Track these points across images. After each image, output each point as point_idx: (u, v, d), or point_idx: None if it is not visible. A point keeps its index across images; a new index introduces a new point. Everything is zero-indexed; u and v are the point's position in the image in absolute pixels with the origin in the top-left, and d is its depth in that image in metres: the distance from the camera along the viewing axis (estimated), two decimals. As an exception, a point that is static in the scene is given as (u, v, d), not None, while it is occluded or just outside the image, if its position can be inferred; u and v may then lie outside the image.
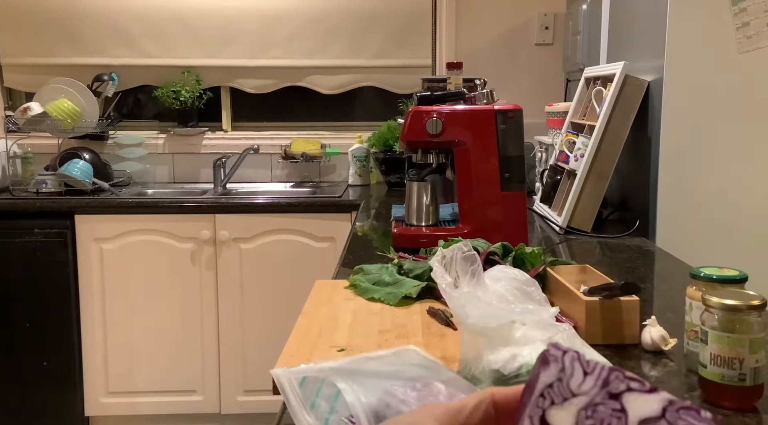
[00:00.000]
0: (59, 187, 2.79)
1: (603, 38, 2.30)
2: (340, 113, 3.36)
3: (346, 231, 2.40)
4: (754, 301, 0.80)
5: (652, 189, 1.81)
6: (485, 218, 1.61)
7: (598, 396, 0.34)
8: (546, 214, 2.09)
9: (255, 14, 3.13)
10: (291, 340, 1.02)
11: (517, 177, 1.61)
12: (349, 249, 1.70)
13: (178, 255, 2.68)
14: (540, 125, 2.52)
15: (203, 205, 2.68)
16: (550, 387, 0.35)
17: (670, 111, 1.76)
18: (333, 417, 0.68)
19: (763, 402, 0.82)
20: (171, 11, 3.11)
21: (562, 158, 2.05)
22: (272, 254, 2.68)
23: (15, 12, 3.11)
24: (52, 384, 2.70)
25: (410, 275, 1.30)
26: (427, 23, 3.17)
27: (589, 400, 0.35)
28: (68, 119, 2.90)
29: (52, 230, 2.64)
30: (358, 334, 1.06)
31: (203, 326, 2.72)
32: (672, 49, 1.74)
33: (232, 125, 3.32)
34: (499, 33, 3.13)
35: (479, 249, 1.25)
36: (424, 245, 1.51)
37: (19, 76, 3.19)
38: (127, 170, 3.14)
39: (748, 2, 1.53)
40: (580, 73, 2.30)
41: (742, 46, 1.58)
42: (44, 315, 2.66)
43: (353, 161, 3.07)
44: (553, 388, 0.35)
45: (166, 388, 2.74)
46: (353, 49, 3.17)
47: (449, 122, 1.58)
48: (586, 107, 2.12)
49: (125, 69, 3.15)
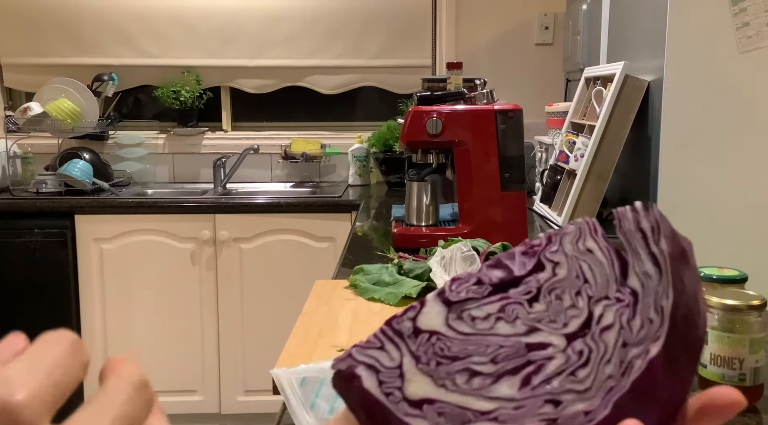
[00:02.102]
0: (59, 187, 2.79)
1: (603, 38, 2.30)
2: (340, 112, 3.36)
3: (346, 231, 2.40)
4: (754, 301, 0.80)
5: (652, 189, 1.81)
6: (485, 218, 1.61)
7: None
8: (546, 214, 2.09)
9: (255, 14, 3.13)
10: (291, 340, 1.02)
11: (517, 177, 1.61)
12: (349, 249, 1.70)
13: (178, 255, 2.68)
14: (540, 125, 2.52)
15: (203, 205, 2.68)
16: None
17: (670, 111, 1.76)
18: (333, 417, 0.68)
19: (763, 402, 0.82)
20: (171, 11, 3.11)
21: (562, 158, 2.05)
22: (272, 254, 2.68)
23: (15, 12, 3.11)
24: (52, 384, 2.70)
25: (410, 275, 1.30)
26: (427, 23, 3.17)
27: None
28: (68, 119, 2.90)
29: (52, 230, 2.64)
30: (358, 334, 1.06)
31: (203, 326, 2.72)
32: (672, 49, 1.74)
33: (232, 125, 3.32)
34: (499, 33, 3.13)
35: (479, 249, 1.25)
36: (424, 245, 1.51)
37: (19, 76, 3.18)
38: (127, 170, 3.14)
39: (748, 2, 1.53)
40: (580, 73, 2.30)
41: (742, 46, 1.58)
42: (44, 315, 2.66)
43: (353, 161, 3.07)
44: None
45: (166, 388, 2.74)
46: (353, 49, 3.17)
47: (449, 122, 1.58)
48: (586, 106, 2.12)
49: (125, 69, 3.15)
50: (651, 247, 0.32)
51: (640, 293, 0.32)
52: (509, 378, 0.33)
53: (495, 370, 0.33)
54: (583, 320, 0.33)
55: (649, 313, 0.31)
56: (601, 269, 0.33)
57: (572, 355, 0.32)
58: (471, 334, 0.34)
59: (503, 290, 0.34)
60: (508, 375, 0.33)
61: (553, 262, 0.34)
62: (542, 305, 0.34)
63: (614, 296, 0.33)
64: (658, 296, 0.31)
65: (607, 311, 0.32)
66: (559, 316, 0.33)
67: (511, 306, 0.34)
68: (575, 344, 0.32)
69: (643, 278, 0.32)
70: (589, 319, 0.33)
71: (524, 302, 0.34)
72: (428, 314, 0.35)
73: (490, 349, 0.33)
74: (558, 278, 0.34)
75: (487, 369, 0.33)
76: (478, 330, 0.34)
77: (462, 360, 0.33)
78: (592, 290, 0.33)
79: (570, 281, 0.34)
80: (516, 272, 0.35)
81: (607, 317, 0.32)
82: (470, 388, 0.33)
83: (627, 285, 0.32)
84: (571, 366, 0.32)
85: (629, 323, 0.32)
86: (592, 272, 0.33)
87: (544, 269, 0.34)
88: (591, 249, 0.34)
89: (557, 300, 0.33)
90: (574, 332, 0.33)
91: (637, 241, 0.33)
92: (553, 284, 0.34)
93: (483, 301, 0.34)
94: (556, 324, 0.33)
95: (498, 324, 0.34)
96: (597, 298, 0.33)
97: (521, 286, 0.34)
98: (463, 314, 0.34)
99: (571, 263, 0.34)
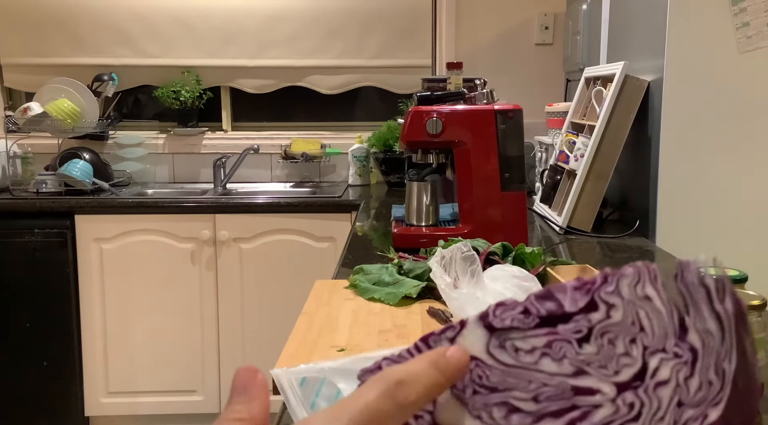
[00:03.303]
0: (59, 187, 2.79)
1: (603, 38, 2.30)
2: (340, 113, 3.36)
3: (346, 231, 2.40)
4: (754, 301, 0.80)
5: (652, 189, 1.81)
6: (485, 218, 1.61)
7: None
8: (546, 214, 2.09)
9: (255, 14, 3.13)
10: (291, 340, 1.02)
11: (517, 177, 1.60)
12: (349, 249, 1.70)
13: (178, 255, 2.68)
14: (540, 125, 2.52)
15: (203, 205, 2.69)
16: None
17: (670, 111, 1.76)
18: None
19: (764, 402, 0.82)
20: (171, 11, 3.11)
21: (562, 158, 2.05)
22: (272, 254, 2.68)
23: (15, 12, 3.11)
24: (52, 384, 2.70)
25: (410, 275, 1.30)
26: (427, 23, 3.17)
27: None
28: (68, 119, 2.90)
29: (52, 230, 2.64)
30: (358, 334, 1.06)
31: (203, 326, 2.72)
32: (672, 49, 1.74)
33: (232, 125, 3.32)
34: (499, 33, 3.13)
35: (479, 249, 1.25)
36: (424, 245, 1.51)
37: (19, 76, 3.19)
38: (127, 170, 3.14)
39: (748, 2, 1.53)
40: (580, 73, 2.30)
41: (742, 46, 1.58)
42: (44, 315, 2.66)
43: (353, 161, 3.07)
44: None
45: (166, 388, 2.74)
46: (353, 49, 3.17)
47: (449, 122, 1.58)
48: (586, 106, 2.12)
49: (125, 69, 3.15)
50: (715, 305, 0.30)
51: (700, 351, 0.29)
52: (551, 420, 0.30)
53: (537, 409, 0.31)
54: (637, 370, 0.30)
55: (708, 375, 0.29)
56: (659, 319, 0.31)
57: (622, 407, 0.30)
58: (513, 366, 0.32)
59: (551, 325, 0.32)
60: (550, 417, 0.30)
61: (608, 303, 0.31)
62: (593, 347, 0.31)
63: (672, 351, 0.30)
64: (720, 357, 0.29)
65: (664, 366, 0.30)
66: (610, 362, 0.31)
67: (559, 343, 0.31)
68: (626, 395, 0.30)
69: (704, 336, 0.30)
70: (643, 371, 0.30)
71: (573, 341, 0.31)
72: (468, 337, 0.33)
73: (533, 386, 0.31)
74: (612, 321, 0.31)
75: (528, 406, 0.31)
76: (522, 363, 0.32)
77: (501, 393, 0.31)
78: (649, 340, 0.30)
79: (625, 327, 0.31)
80: (567, 308, 0.32)
81: (663, 372, 0.30)
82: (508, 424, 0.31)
83: (686, 341, 0.30)
84: (620, 418, 0.30)
85: (686, 381, 0.29)
86: (650, 321, 0.31)
87: (597, 309, 0.32)
88: (650, 297, 0.31)
89: (609, 345, 0.31)
90: (626, 382, 0.30)
91: (700, 296, 0.30)
92: (607, 327, 0.31)
93: (529, 333, 0.32)
94: (606, 371, 0.31)
95: (543, 360, 0.31)
96: (653, 350, 0.30)
97: (571, 323, 0.32)
98: (506, 343, 0.32)
99: (628, 307, 0.31)
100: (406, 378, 0.29)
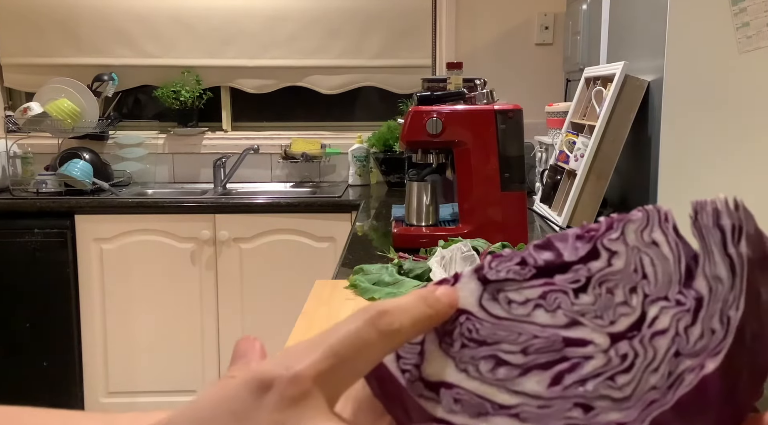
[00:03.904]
0: (59, 187, 2.79)
1: (603, 38, 2.30)
2: (340, 113, 3.36)
3: (346, 231, 2.40)
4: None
5: (652, 189, 1.81)
6: (485, 218, 1.61)
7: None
8: (546, 214, 2.09)
9: (255, 14, 3.13)
10: (291, 340, 1.02)
11: (517, 177, 1.60)
12: (349, 249, 1.70)
13: (178, 255, 2.68)
14: (540, 125, 2.52)
15: (203, 205, 2.69)
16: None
17: (670, 111, 1.76)
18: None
19: (764, 402, 0.82)
20: (171, 11, 3.11)
21: (562, 158, 2.05)
22: (272, 254, 2.68)
23: (15, 12, 3.11)
24: (52, 384, 2.70)
25: (410, 275, 1.30)
26: (427, 23, 3.17)
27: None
28: (68, 119, 2.90)
29: (52, 230, 2.64)
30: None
31: (203, 326, 2.72)
32: (672, 49, 1.74)
33: (232, 125, 3.32)
34: (499, 33, 3.13)
35: (479, 249, 1.25)
36: (424, 245, 1.51)
37: (19, 76, 3.18)
38: (127, 170, 3.14)
39: (748, 2, 1.53)
40: (580, 73, 2.30)
41: (742, 46, 1.58)
42: (44, 315, 2.66)
43: (353, 161, 3.07)
44: None
45: (166, 388, 2.74)
46: (353, 50, 3.17)
47: (449, 122, 1.58)
48: (586, 107, 2.12)
49: (125, 69, 3.15)
50: (728, 248, 0.27)
51: (706, 298, 0.28)
52: (539, 372, 0.29)
53: (524, 362, 0.29)
54: (634, 320, 0.29)
55: (712, 323, 0.27)
56: (664, 265, 0.29)
57: (614, 357, 0.28)
58: (504, 318, 0.30)
59: (548, 275, 0.31)
60: (538, 370, 0.29)
61: (611, 251, 0.30)
62: (590, 297, 0.30)
63: (674, 298, 0.28)
64: (727, 304, 0.27)
65: (663, 314, 0.28)
66: (606, 312, 0.29)
67: (554, 294, 0.30)
68: (620, 345, 0.28)
69: (713, 282, 0.28)
70: (641, 320, 0.29)
71: (569, 292, 0.30)
72: (461, 291, 0.31)
73: (522, 338, 0.30)
74: (613, 269, 0.30)
75: (515, 359, 0.30)
76: (513, 316, 0.30)
77: (490, 346, 0.30)
78: (650, 288, 0.29)
79: (626, 275, 0.29)
80: (566, 257, 0.31)
81: (661, 321, 0.28)
82: (494, 378, 0.30)
83: (692, 287, 0.28)
84: (611, 369, 0.28)
85: (687, 330, 0.28)
86: (654, 267, 0.29)
87: (598, 257, 0.30)
88: (657, 242, 0.29)
89: (608, 294, 0.29)
90: (622, 332, 0.29)
91: (714, 239, 0.28)
92: (606, 275, 0.30)
93: (524, 284, 0.31)
94: (601, 321, 0.29)
95: (536, 312, 0.30)
96: (654, 298, 0.29)
97: (569, 273, 0.30)
98: (499, 295, 0.31)
99: (631, 254, 0.30)
100: (391, 308, 0.29)
